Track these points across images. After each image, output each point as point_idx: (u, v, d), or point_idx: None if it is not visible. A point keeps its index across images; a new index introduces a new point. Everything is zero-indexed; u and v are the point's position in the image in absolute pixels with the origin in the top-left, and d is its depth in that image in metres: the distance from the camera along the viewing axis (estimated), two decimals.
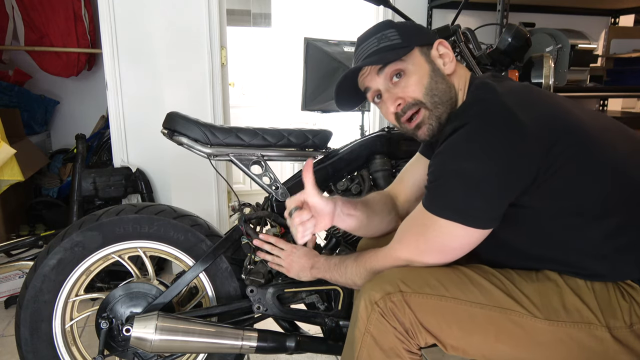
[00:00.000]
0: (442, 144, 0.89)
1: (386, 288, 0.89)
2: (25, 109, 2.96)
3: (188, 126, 1.32)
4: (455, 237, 0.88)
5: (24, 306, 1.26)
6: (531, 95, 0.91)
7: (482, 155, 0.83)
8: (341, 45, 2.86)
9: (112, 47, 2.24)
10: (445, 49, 0.99)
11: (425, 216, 0.89)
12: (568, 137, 0.84)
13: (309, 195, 1.00)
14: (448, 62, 0.98)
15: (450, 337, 0.89)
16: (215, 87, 2.31)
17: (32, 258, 1.96)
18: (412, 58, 0.97)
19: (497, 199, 0.85)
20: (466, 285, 0.89)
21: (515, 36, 1.33)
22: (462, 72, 1.01)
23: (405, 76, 0.96)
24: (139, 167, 2.35)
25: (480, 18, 2.60)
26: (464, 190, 0.84)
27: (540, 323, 0.86)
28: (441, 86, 0.97)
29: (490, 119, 0.84)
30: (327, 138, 1.42)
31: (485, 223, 0.87)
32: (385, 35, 0.98)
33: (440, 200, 0.88)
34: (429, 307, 0.88)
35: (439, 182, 0.88)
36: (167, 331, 1.16)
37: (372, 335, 0.89)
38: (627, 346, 0.84)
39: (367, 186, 1.40)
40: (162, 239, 1.32)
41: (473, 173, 0.83)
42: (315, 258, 1.17)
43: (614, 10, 3.01)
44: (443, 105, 0.96)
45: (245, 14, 4.29)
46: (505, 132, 0.82)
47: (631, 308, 0.84)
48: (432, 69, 0.97)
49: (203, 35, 2.24)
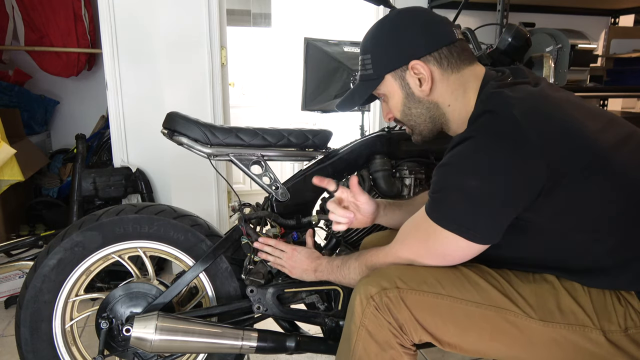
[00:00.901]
0: (447, 153, 0.88)
1: (382, 283, 0.90)
2: (25, 109, 2.96)
3: (188, 126, 1.32)
4: (455, 248, 0.88)
5: (24, 306, 1.26)
6: (545, 105, 0.86)
7: (487, 172, 0.82)
8: (341, 45, 2.86)
9: (112, 47, 2.24)
10: (421, 70, 0.95)
11: (428, 223, 0.89)
12: (577, 157, 0.82)
13: (358, 195, 1.12)
14: (424, 84, 0.96)
15: (446, 335, 0.90)
16: (215, 87, 2.31)
17: (32, 258, 1.96)
18: (386, 86, 1.02)
19: (500, 216, 0.85)
20: (463, 284, 0.90)
21: (515, 36, 1.33)
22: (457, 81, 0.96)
23: (387, 99, 1.05)
24: (139, 167, 2.35)
25: (480, 18, 2.60)
26: (467, 206, 0.84)
27: (534, 323, 0.86)
28: (416, 110, 1.01)
29: (498, 134, 0.82)
30: (327, 138, 1.42)
31: (486, 239, 0.87)
32: (363, 61, 1.03)
33: (443, 212, 0.87)
34: (425, 305, 0.89)
35: (442, 194, 0.88)
36: (167, 331, 1.16)
37: (367, 329, 0.90)
38: (622, 350, 0.84)
39: (367, 186, 1.40)
40: (162, 239, 1.32)
41: (477, 190, 0.82)
42: (317, 261, 1.17)
43: (614, 10, 3.01)
44: (423, 124, 1.02)
45: (245, 14, 4.29)
46: (511, 150, 0.80)
47: (626, 312, 0.84)
48: (406, 95, 1.00)
49: (203, 35, 2.24)
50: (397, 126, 1.52)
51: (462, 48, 0.97)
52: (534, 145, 0.79)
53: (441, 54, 0.95)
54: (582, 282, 0.88)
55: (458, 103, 0.96)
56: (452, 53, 0.95)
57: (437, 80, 0.96)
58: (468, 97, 0.95)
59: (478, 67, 0.98)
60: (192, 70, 2.26)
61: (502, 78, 0.94)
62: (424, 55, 0.95)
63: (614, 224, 0.85)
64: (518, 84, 0.91)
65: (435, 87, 0.96)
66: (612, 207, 0.84)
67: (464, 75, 0.96)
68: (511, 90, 0.87)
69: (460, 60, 0.96)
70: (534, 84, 0.93)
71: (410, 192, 1.41)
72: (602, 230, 0.85)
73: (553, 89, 0.94)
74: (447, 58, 0.95)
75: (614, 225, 0.85)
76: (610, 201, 0.84)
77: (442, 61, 0.95)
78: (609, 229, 0.85)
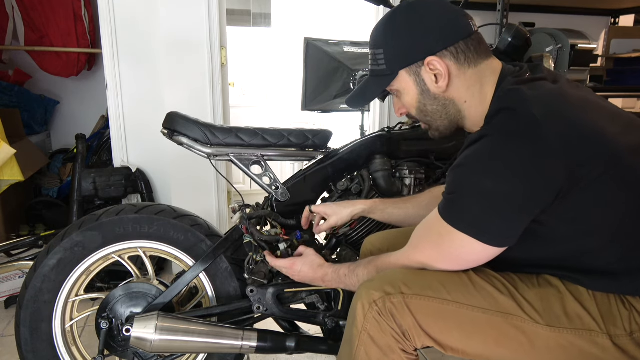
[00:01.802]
0: (462, 152, 0.86)
1: (386, 288, 0.88)
2: (25, 109, 2.96)
3: (188, 126, 1.32)
4: (470, 251, 0.86)
5: (24, 306, 1.26)
6: (565, 105, 0.83)
7: (504, 173, 0.79)
8: (341, 45, 2.86)
9: (112, 47, 2.24)
10: (437, 66, 0.90)
11: (441, 225, 0.87)
12: (595, 161, 0.79)
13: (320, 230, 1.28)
14: (440, 80, 0.91)
15: (450, 340, 0.88)
16: (215, 87, 2.31)
17: (32, 258, 1.96)
18: (400, 82, 0.97)
19: (517, 218, 0.82)
20: (468, 289, 0.88)
21: (515, 36, 1.33)
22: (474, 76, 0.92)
23: (400, 95, 1.00)
24: (139, 167, 2.35)
25: (480, 18, 2.60)
26: (484, 208, 0.82)
27: (541, 329, 0.84)
28: (431, 107, 0.96)
29: (516, 134, 0.79)
30: (327, 138, 1.42)
31: (502, 241, 0.84)
32: (375, 56, 0.97)
33: (458, 213, 0.85)
34: (430, 310, 0.87)
35: (458, 194, 0.85)
36: (167, 331, 1.16)
37: (370, 334, 0.89)
38: (628, 354, 0.83)
39: (367, 186, 1.40)
40: (162, 239, 1.32)
41: (494, 191, 0.80)
42: (322, 270, 1.13)
43: (614, 10, 3.01)
44: (439, 119, 0.98)
45: (245, 14, 4.29)
46: (530, 151, 0.77)
47: (631, 316, 0.83)
48: (421, 91, 0.95)
49: (203, 35, 2.24)
50: (397, 126, 1.52)
51: (479, 41, 0.92)
52: (553, 146, 0.77)
53: (458, 48, 0.90)
54: (588, 285, 0.87)
55: (475, 99, 0.93)
56: (469, 47, 0.90)
57: (454, 75, 0.91)
58: (485, 93, 0.91)
59: (495, 61, 0.94)
60: (192, 70, 2.26)
61: (520, 73, 0.91)
62: (441, 50, 0.90)
63: (628, 230, 0.83)
64: (536, 80, 0.88)
65: (451, 83, 0.92)
66: (627, 212, 0.82)
67: (482, 70, 0.92)
68: (530, 88, 0.84)
69: (477, 54, 0.91)
70: (552, 80, 0.89)
71: (410, 192, 1.41)
72: (615, 236, 0.83)
73: (572, 86, 0.91)
74: (464, 52, 0.90)
75: (628, 231, 0.83)
76: (626, 207, 0.82)
77: (459, 56, 0.90)
78: (622, 235, 0.83)
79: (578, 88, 0.91)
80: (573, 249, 0.87)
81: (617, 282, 0.85)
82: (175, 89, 2.27)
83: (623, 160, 0.81)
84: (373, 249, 1.25)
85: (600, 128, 0.81)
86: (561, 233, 0.85)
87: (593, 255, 0.85)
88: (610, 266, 0.85)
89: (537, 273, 0.92)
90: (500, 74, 0.92)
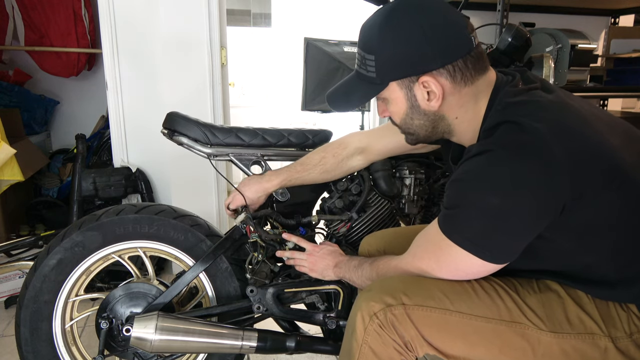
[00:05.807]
0: (460, 166, 0.84)
1: (386, 299, 0.86)
2: (25, 109, 2.96)
3: (188, 126, 1.32)
4: (468, 266, 0.85)
5: (24, 306, 1.26)
6: (569, 118, 0.80)
7: (508, 191, 0.76)
8: (341, 45, 2.86)
9: (112, 47, 2.24)
10: (432, 86, 0.85)
11: (441, 238, 0.85)
12: (600, 176, 0.77)
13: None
14: (433, 100, 0.87)
15: (454, 349, 0.87)
16: (215, 87, 2.31)
17: (32, 258, 1.96)
18: (389, 92, 0.91)
19: (520, 236, 0.80)
20: (471, 297, 0.87)
21: (515, 36, 1.33)
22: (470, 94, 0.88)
23: (387, 103, 0.94)
24: (139, 167, 2.35)
25: (480, 18, 2.60)
26: (485, 225, 0.80)
27: (545, 336, 0.84)
28: (418, 122, 0.92)
29: (521, 147, 0.76)
30: (327, 138, 1.42)
31: (502, 259, 0.83)
32: (364, 60, 0.90)
33: (458, 229, 0.83)
34: (433, 321, 0.86)
35: (458, 210, 0.83)
36: (167, 331, 1.16)
37: (371, 347, 0.87)
38: (629, 356, 0.83)
39: (367, 186, 1.40)
40: (162, 239, 1.32)
41: (497, 208, 0.77)
42: (339, 257, 1.18)
43: (614, 10, 3.02)
44: (423, 132, 0.94)
45: (245, 14, 4.29)
46: (534, 168, 0.75)
47: (629, 317, 0.84)
48: (411, 106, 0.90)
49: (203, 35, 2.23)
50: None
51: (478, 56, 0.86)
52: (559, 161, 0.74)
53: (456, 67, 0.84)
54: (587, 292, 0.87)
55: (467, 114, 0.89)
56: (467, 65, 0.85)
57: (448, 94, 0.87)
58: (479, 108, 0.88)
59: (491, 73, 0.90)
60: (192, 70, 2.26)
61: (514, 84, 0.88)
62: (437, 69, 0.84)
63: (629, 243, 0.83)
64: (532, 89, 0.86)
65: (445, 101, 0.87)
66: (628, 226, 0.82)
67: (478, 87, 0.88)
68: (529, 98, 0.82)
69: (475, 72, 0.86)
70: (544, 88, 0.87)
71: (410, 192, 1.41)
72: (615, 249, 0.83)
73: (568, 96, 0.88)
74: (461, 71, 0.85)
75: (628, 245, 0.83)
76: (627, 221, 0.81)
77: (455, 75, 0.85)
78: (623, 248, 0.83)
79: (573, 98, 0.89)
80: (573, 263, 0.87)
81: (614, 291, 0.85)
82: (175, 89, 2.27)
83: (626, 175, 0.79)
84: (370, 249, 1.26)
85: (604, 141, 0.80)
86: (562, 246, 0.84)
87: (592, 268, 0.85)
88: (609, 276, 0.85)
89: (536, 278, 0.92)
90: (494, 85, 0.88)
